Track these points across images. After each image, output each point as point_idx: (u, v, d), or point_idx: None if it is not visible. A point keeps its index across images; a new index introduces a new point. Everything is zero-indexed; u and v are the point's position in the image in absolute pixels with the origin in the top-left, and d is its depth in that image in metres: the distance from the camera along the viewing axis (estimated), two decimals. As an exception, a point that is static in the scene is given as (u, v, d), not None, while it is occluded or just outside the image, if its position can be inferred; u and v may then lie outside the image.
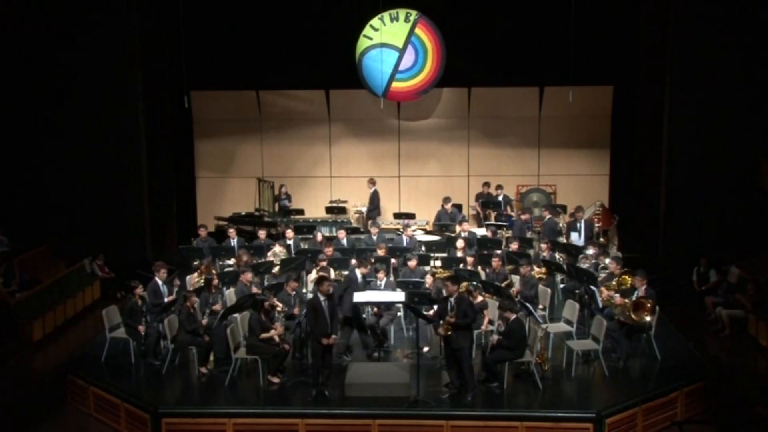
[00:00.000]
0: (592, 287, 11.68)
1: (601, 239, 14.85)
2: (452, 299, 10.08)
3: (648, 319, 10.91)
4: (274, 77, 18.70)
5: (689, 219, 16.18)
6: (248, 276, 12.03)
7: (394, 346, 11.89)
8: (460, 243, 13.65)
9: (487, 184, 17.37)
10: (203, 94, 18.75)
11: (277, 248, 13.85)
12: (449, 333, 9.91)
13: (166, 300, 11.80)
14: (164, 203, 18.07)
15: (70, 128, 16.75)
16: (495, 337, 10.48)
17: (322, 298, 10.23)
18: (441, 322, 10.02)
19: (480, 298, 11.41)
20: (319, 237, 14.54)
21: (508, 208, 16.94)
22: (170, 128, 18.25)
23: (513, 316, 10.29)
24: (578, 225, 14.86)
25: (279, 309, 11.27)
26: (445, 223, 15.98)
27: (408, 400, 9.96)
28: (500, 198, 16.92)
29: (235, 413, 9.92)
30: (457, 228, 15.53)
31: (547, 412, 9.80)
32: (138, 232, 17.09)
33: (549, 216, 15.41)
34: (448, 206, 16.26)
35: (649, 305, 10.88)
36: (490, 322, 11.35)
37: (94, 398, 10.82)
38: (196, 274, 12.97)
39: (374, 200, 17.80)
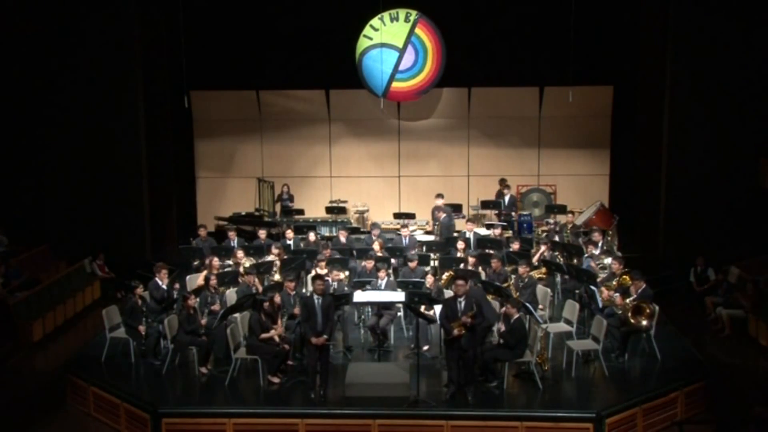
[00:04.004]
0: (592, 287, 11.67)
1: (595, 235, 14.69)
2: (462, 299, 10.07)
3: (645, 323, 10.92)
4: (274, 77, 18.71)
5: (689, 219, 16.19)
6: (251, 278, 12.02)
7: (394, 345, 11.89)
8: (460, 244, 13.64)
9: (503, 181, 17.42)
10: (203, 94, 18.76)
11: (274, 249, 13.68)
12: (463, 332, 9.88)
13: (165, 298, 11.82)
14: (164, 203, 18.06)
15: (70, 128, 16.74)
16: (499, 328, 10.45)
17: (316, 297, 10.24)
18: (452, 323, 9.98)
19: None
20: (312, 237, 14.51)
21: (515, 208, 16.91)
22: (170, 128, 18.24)
23: (516, 315, 10.30)
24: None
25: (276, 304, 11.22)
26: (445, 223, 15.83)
27: (408, 400, 9.96)
28: (507, 198, 16.85)
29: (235, 413, 9.92)
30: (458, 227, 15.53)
31: (547, 412, 9.80)
32: (138, 232, 17.08)
33: (445, 215, 15.42)
34: (441, 203, 15.97)
35: (648, 310, 10.89)
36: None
37: (94, 398, 10.81)
38: (205, 273, 12.84)
39: None
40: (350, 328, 12.28)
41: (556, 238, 14.63)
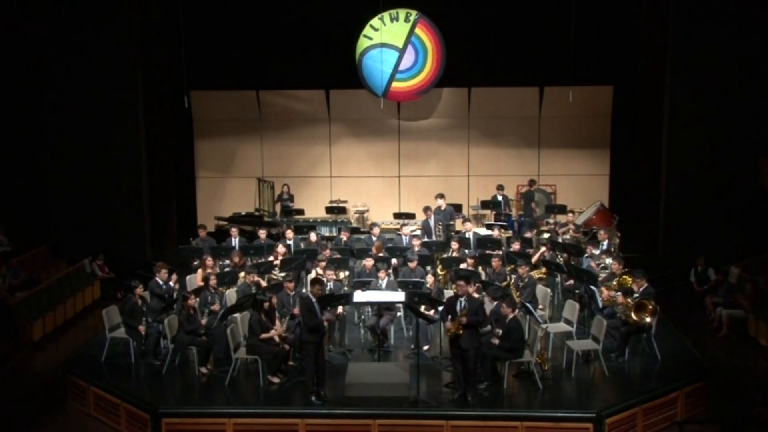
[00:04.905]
0: (592, 287, 11.67)
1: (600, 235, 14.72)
2: (463, 299, 10.07)
3: (648, 320, 10.93)
4: (274, 77, 18.72)
5: (689, 219, 16.19)
6: (252, 278, 12.03)
7: (394, 345, 11.89)
8: (454, 244, 13.62)
9: (532, 182, 17.48)
10: (203, 94, 18.77)
11: (281, 249, 13.69)
12: (460, 332, 9.89)
13: (166, 297, 11.83)
14: (164, 203, 18.07)
15: (70, 128, 16.75)
16: (497, 332, 10.45)
17: (314, 299, 10.24)
18: (448, 321, 9.98)
19: (476, 296, 11.36)
20: (313, 237, 14.51)
21: (507, 209, 16.94)
22: (170, 128, 18.25)
23: (511, 315, 10.29)
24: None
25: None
26: (446, 222, 15.81)
27: (408, 400, 9.96)
28: (499, 198, 16.91)
29: (235, 413, 9.91)
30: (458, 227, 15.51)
31: (547, 412, 9.80)
32: (138, 232, 17.09)
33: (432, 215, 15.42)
34: (442, 203, 15.87)
35: (651, 307, 10.88)
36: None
37: (94, 398, 10.81)
38: (200, 270, 12.86)
39: None
40: (350, 328, 12.27)
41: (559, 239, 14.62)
